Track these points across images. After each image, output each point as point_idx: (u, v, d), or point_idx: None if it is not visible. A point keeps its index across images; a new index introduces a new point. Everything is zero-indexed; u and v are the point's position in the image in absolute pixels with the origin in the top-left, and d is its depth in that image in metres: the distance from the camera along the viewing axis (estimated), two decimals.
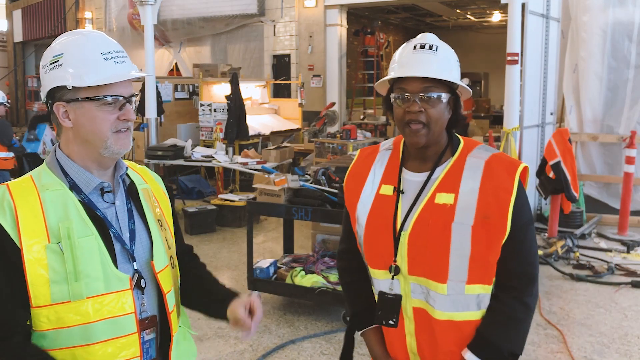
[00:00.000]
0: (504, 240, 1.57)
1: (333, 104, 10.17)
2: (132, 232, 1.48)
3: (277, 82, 11.74)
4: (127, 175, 1.55)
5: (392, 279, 1.66)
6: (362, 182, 1.75)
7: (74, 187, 1.43)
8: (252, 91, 10.58)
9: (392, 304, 1.66)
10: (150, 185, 1.61)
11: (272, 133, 9.85)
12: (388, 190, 1.69)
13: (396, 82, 1.62)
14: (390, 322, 1.67)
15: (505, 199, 1.55)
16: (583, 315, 4.49)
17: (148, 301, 1.49)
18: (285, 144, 9.52)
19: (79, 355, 1.37)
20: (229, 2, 12.27)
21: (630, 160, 6.68)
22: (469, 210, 1.56)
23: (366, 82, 13.48)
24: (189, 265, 1.73)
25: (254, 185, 4.84)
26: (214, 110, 8.88)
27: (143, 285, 1.47)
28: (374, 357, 1.79)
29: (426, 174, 1.65)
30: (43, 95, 1.44)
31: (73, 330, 1.36)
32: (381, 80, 1.69)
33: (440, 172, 1.64)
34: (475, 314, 1.62)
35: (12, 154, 7.02)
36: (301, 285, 4.39)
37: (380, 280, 1.70)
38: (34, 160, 7.54)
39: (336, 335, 4.15)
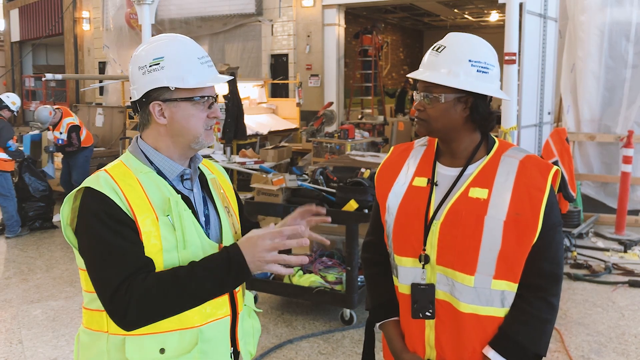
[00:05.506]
0: (534, 240, 1.59)
1: (331, 103, 10.17)
2: (207, 217, 1.62)
3: (275, 81, 11.74)
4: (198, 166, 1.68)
5: (423, 267, 1.68)
6: (394, 175, 1.79)
7: (159, 173, 1.56)
8: (250, 91, 10.57)
9: (426, 294, 1.68)
10: (217, 176, 1.74)
11: (270, 133, 9.83)
12: (421, 182, 1.73)
13: None
14: (427, 313, 1.68)
15: (538, 198, 1.59)
16: (580, 315, 4.50)
17: None
18: (283, 143, 9.52)
19: (183, 314, 1.51)
20: (227, 2, 12.27)
21: (627, 160, 6.69)
22: (502, 205, 1.59)
23: (364, 81, 13.43)
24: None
25: (251, 185, 4.84)
26: None
27: None
28: (393, 350, 1.79)
29: (459, 169, 1.69)
30: (138, 93, 1.53)
31: None
32: (409, 76, 1.76)
33: (475, 168, 1.67)
34: (498, 311, 1.63)
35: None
36: (299, 284, 4.39)
37: (408, 269, 1.71)
38: (36, 151, 7.35)
39: (334, 335, 4.15)
